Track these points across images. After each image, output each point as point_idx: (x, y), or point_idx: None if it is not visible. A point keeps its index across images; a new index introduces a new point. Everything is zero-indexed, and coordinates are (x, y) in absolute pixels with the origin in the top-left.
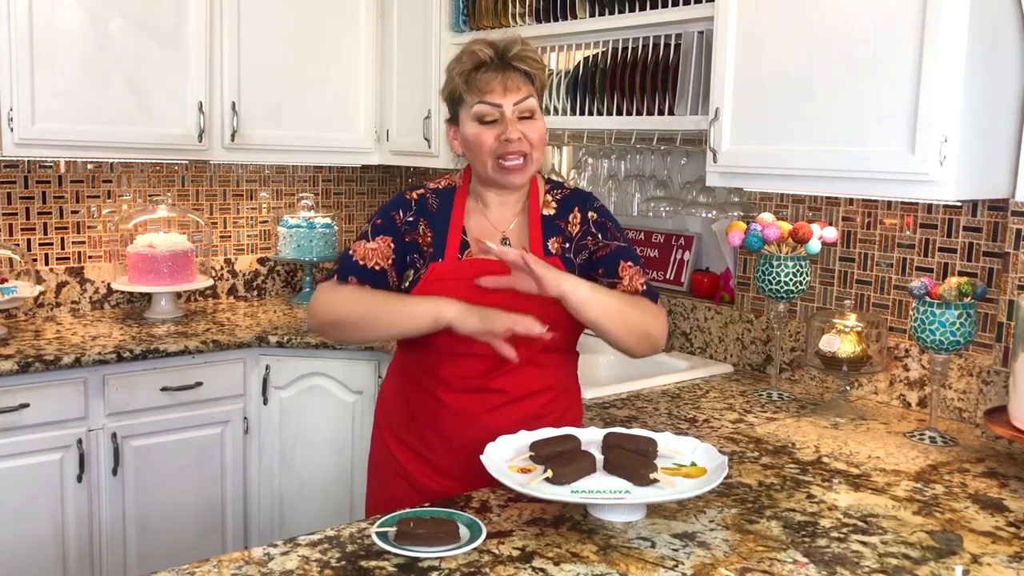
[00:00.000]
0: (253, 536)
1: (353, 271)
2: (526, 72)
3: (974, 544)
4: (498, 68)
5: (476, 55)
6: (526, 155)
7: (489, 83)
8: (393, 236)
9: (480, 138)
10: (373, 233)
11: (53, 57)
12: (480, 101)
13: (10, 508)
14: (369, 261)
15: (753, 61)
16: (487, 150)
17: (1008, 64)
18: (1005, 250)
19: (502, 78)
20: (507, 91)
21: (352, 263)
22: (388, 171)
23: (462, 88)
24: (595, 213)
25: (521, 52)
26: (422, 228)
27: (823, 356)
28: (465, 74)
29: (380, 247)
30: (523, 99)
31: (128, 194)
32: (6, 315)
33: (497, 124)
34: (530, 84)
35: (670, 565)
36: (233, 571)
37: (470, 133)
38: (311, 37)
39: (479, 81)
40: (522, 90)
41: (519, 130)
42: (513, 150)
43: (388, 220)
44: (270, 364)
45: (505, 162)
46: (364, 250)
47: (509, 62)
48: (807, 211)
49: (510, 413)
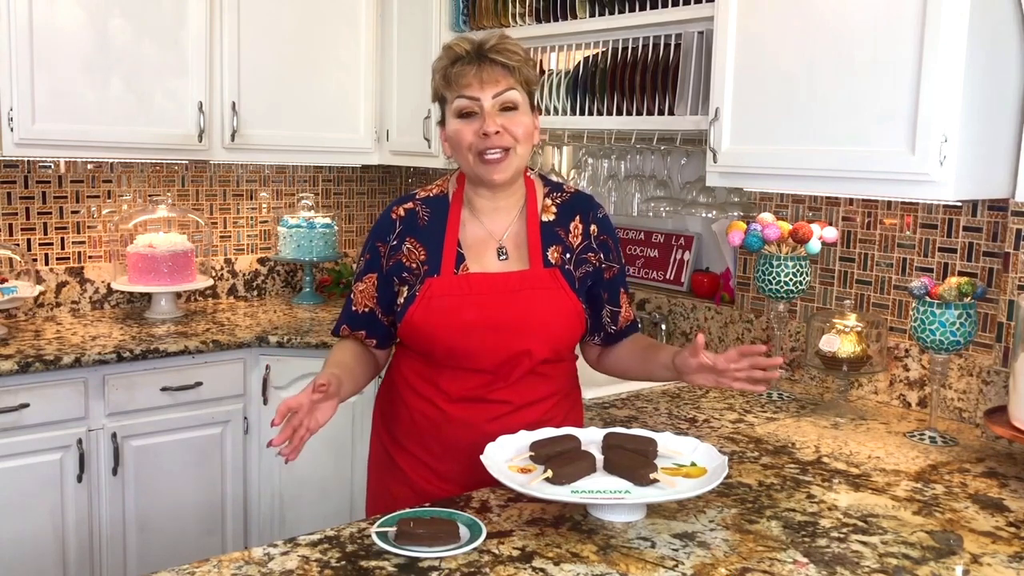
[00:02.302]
0: (253, 536)
1: (346, 319)
2: (504, 64)
3: (974, 544)
4: (474, 61)
5: (452, 50)
6: (508, 149)
7: (465, 76)
8: (377, 273)
9: (460, 134)
10: (364, 271)
11: (53, 57)
12: (459, 95)
13: (10, 508)
14: (359, 306)
15: (753, 61)
16: (467, 145)
17: (1008, 64)
18: (1005, 250)
19: (478, 70)
20: (484, 84)
21: (348, 311)
22: (388, 171)
23: (441, 85)
24: (596, 227)
25: (498, 45)
26: (408, 248)
27: (823, 356)
28: (443, 70)
29: (367, 288)
30: (502, 91)
31: (128, 194)
32: (6, 315)
33: (476, 118)
34: (510, 76)
35: (670, 565)
36: (233, 571)
37: (451, 130)
38: (311, 37)
39: (456, 75)
40: (501, 82)
41: (499, 123)
42: (493, 144)
43: (374, 253)
44: (270, 364)
45: (485, 156)
46: (359, 294)
47: (486, 54)
48: (807, 211)
49: (512, 421)
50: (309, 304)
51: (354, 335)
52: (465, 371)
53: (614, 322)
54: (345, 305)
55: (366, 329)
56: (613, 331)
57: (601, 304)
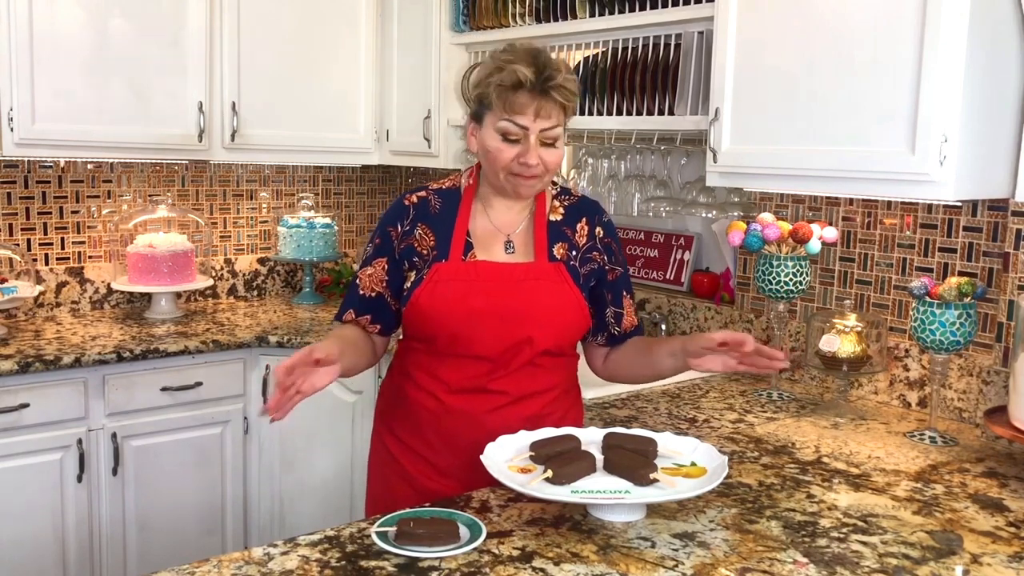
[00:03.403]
0: (253, 536)
1: (352, 303)
2: (561, 103)
3: (974, 544)
4: (535, 93)
5: (515, 74)
6: (539, 177)
7: (523, 107)
8: (388, 257)
9: (500, 153)
10: (372, 256)
11: (53, 57)
12: (508, 119)
13: (10, 508)
14: (367, 290)
15: (753, 61)
16: (503, 164)
17: (1008, 64)
18: (1005, 250)
19: (537, 105)
20: (538, 117)
21: (355, 295)
22: (388, 171)
23: (494, 100)
24: (602, 229)
25: (562, 82)
26: (419, 233)
27: (823, 356)
28: (501, 89)
29: (376, 271)
30: (551, 127)
31: (128, 194)
32: (6, 315)
33: (519, 144)
34: (562, 114)
35: (670, 565)
36: (233, 571)
37: (491, 145)
38: (311, 37)
39: (513, 102)
40: (552, 118)
41: (539, 155)
42: (529, 173)
43: (385, 238)
44: (270, 364)
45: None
46: (366, 278)
47: (548, 90)
48: (807, 211)
49: (511, 413)
50: (309, 304)
51: (357, 321)
52: (466, 359)
53: (618, 323)
54: (349, 291)
55: (372, 313)
56: (617, 332)
57: (605, 304)
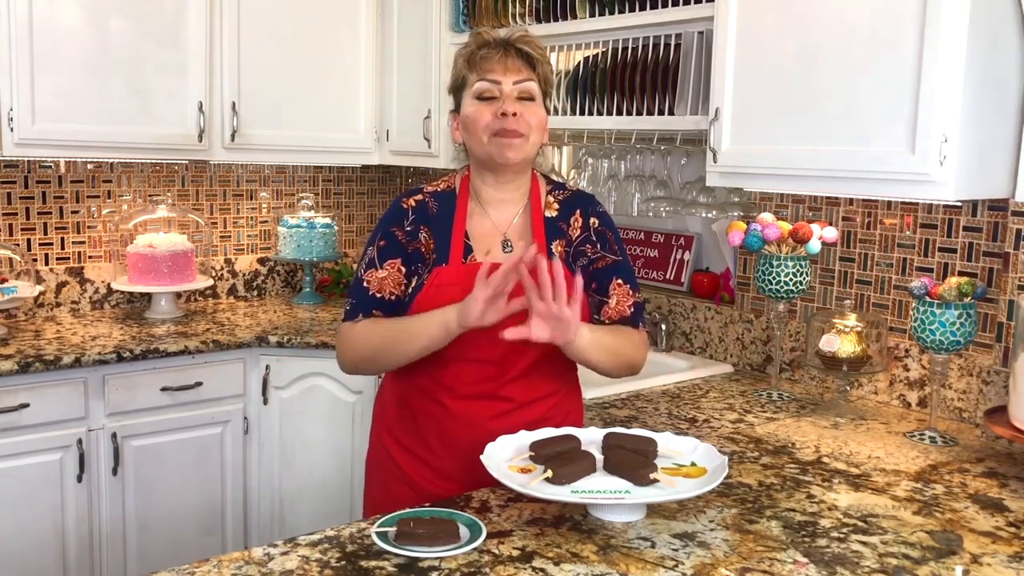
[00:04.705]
0: (253, 536)
1: (371, 305)
2: (528, 56)
3: (974, 544)
4: (500, 48)
5: (480, 36)
6: (522, 135)
7: (490, 61)
8: (401, 258)
9: (478, 113)
10: (381, 259)
11: (53, 57)
12: (481, 78)
13: (10, 508)
14: (384, 291)
15: (753, 61)
16: (483, 125)
17: (1008, 64)
18: (1005, 250)
19: (503, 56)
20: (507, 70)
21: (368, 297)
22: (388, 171)
23: (464, 69)
24: (596, 219)
25: (524, 37)
26: (423, 236)
27: (823, 356)
28: (468, 54)
29: (391, 274)
30: (523, 80)
31: (128, 194)
32: (6, 315)
33: (495, 101)
34: (531, 70)
35: (670, 565)
36: (233, 571)
37: (469, 112)
38: (311, 37)
39: (481, 59)
40: (523, 72)
41: (517, 108)
42: (509, 126)
43: (391, 240)
44: (270, 364)
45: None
46: (377, 281)
47: (512, 44)
48: (807, 211)
49: (515, 418)
50: (309, 304)
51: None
52: (470, 363)
53: (597, 311)
54: (358, 293)
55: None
56: (596, 321)
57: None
